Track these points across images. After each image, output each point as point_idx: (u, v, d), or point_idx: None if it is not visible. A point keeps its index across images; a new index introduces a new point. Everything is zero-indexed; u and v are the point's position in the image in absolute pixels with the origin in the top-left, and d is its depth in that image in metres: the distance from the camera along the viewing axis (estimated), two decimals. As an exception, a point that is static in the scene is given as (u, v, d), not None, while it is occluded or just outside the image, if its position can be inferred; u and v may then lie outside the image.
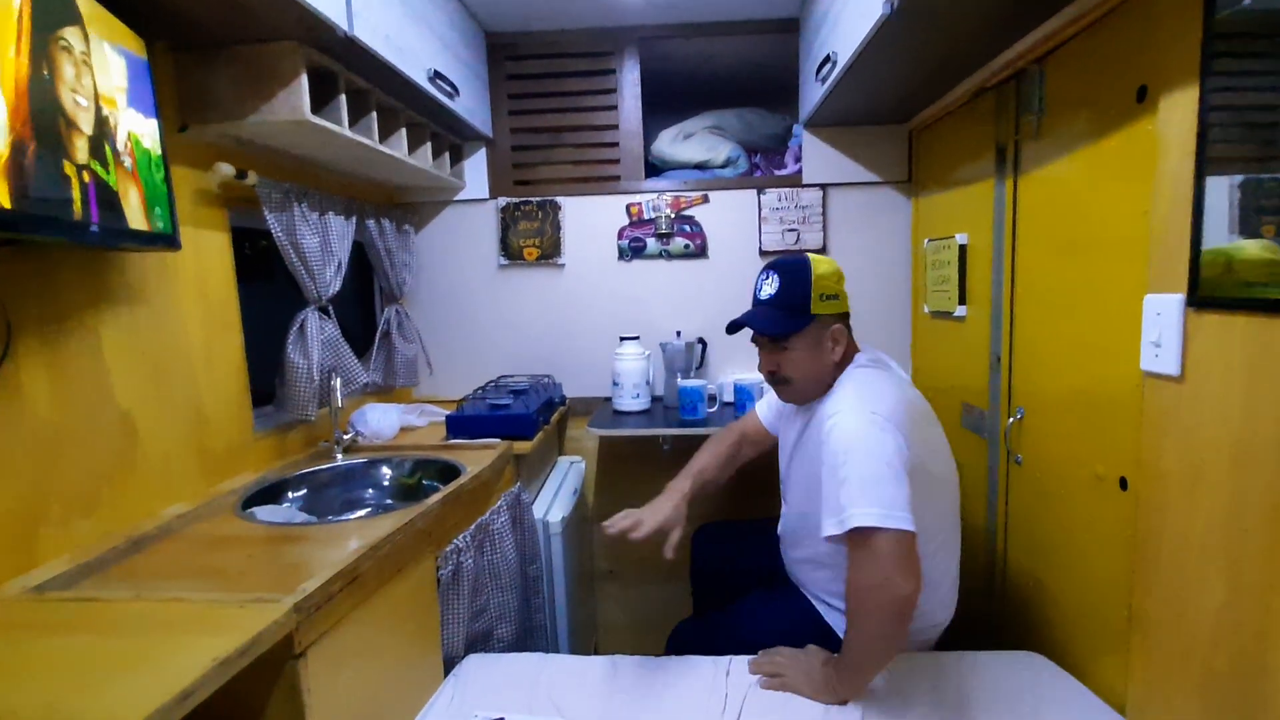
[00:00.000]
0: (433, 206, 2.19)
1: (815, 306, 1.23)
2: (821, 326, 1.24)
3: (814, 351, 1.25)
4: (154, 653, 0.73)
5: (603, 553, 2.29)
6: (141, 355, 1.17)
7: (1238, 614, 0.86)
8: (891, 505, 1.03)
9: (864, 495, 1.04)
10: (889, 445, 1.08)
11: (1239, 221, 0.87)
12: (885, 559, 1.03)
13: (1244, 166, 0.87)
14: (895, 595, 1.03)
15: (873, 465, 1.06)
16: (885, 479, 1.05)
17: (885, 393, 1.17)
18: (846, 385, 1.22)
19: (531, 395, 1.85)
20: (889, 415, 1.12)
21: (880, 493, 1.04)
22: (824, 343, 1.25)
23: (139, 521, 1.12)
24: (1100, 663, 1.17)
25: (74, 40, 0.89)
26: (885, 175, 2.09)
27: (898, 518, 1.03)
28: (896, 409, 1.14)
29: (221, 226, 1.38)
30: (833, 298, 1.25)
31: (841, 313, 1.27)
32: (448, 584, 1.29)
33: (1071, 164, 1.25)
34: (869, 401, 1.14)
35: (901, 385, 1.25)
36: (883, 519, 1.03)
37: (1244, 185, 0.87)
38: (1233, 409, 0.86)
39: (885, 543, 1.03)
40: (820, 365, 1.25)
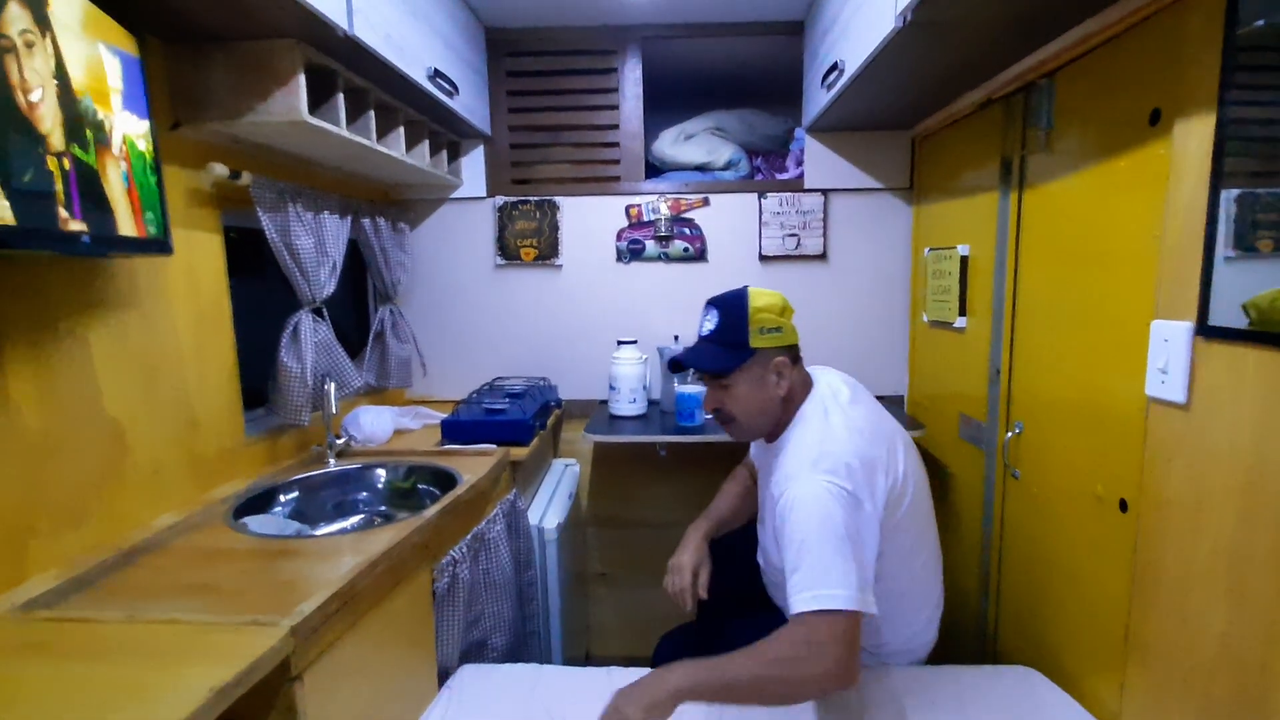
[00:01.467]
0: (428, 204, 2.16)
1: (754, 340, 1.18)
2: (762, 361, 1.19)
3: (757, 387, 1.19)
4: (148, 681, 0.71)
5: (596, 556, 2.28)
6: (131, 362, 1.14)
7: (1239, 644, 0.86)
8: (842, 587, 0.99)
9: (818, 578, 1.00)
10: (838, 516, 1.03)
11: (1235, 236, 0.87)
12: (828, 642, 0.97)
13: (1244, 181, 0.87)
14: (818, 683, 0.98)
15: (822, 545, 1.02)
16: (835, 562, 1.00)
17: (837, 440, 1.11)
18: (802, 433, 1.16)
19: (528, 399, 1.83)
20: (844, 472, 1.07)
21: (831, 575, 1.00)
22: (767, 377, 1.19)
23: (129, 532, 1.10)
24: (1095, 680, 1.18)
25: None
26: (887, 182, 2.08)
27: (847, 598, 0.98)
28: (852, 457, 1.09)
29: (214, 228, 1.35)
30: (774, 330, 1.19)
31: (785, 345, 1.20)
32: (443, 596, 1.27)
33: (1078, 181, 1.24)
34: (820, 459, 1.08)
35: (856, 420, 1.16)
36: (833, 601, 0.98)
37: (1241, 200, 0.86)
38: (1242, 441, 0.85)
39: (831, 624, 0.98)
40: (765, 400, 1.20)
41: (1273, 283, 0.82)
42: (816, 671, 0.97)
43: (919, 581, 1.24)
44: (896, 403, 2.16)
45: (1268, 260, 0.84)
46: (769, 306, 1.20)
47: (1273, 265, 0.83)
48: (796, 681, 0.98)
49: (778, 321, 1.20)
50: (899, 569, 1.18)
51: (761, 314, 1.19)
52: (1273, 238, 0.84)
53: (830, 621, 0.98)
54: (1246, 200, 0.86)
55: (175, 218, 1.21)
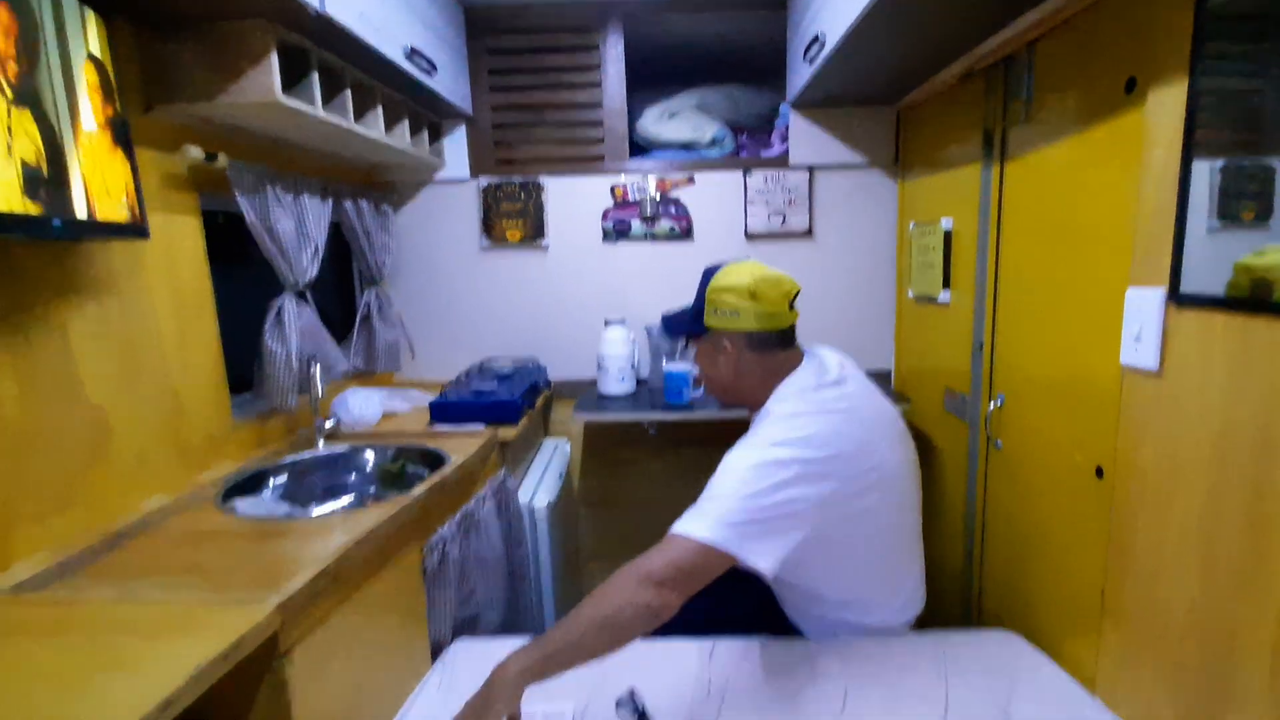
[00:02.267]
0: (412, 186, 2.14)
1: (708, 318, 1.20)
2: (714, 339, 1.20)
3: (710, 362, 1.23)
4: (135, 658, 0.72)
5: (588, 533, 2.31)
6: (112, 347, 1.13)
7: (1209, 608, 0.88)
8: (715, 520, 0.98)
9: (697, 506, 1.02)
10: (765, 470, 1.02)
11: (1219, 205, 0.87)
12: (658, 564, 0.97)
13: (1227, 151, 0.87)
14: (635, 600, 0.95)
15: (727, 482, 1.03)
16: (726, 494, 1.01)
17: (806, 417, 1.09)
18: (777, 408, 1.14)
19: (516, 380, 1.84)
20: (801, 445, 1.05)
21: (712, 507, 1.00)
22: (717, 356, 1.21)
23: (117, 516, 1.11)
24: (1072, 642, 1.21)
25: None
26: (872, 157, 2.07)
27: (712, 531, 0.97)
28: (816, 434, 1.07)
29: (192, 211, 1.34)
30: (730, 313, 1.17)
31: (742, 330, 1.17)
32: (434, 573, 1.29)
33: (1058, 151, 1.25)
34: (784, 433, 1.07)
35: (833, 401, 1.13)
36: (694, 529, 0.99)
37: (1225, 170, 0.87)
38: (1212, 407, 0.87)
39: (674, 551, 0.98)
40: (716, 375, 1.23)
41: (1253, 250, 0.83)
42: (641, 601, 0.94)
43: (897, 564, 1.24)
44: (883, 378, 2.18)
45: (1250, 230, 0.84)
46: (732, 288, 1.17)
47: (1256, 234, 0.83)
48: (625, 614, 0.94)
49: (737, 305, 1.17)
50: (874, 552, 1.18)
51: (721, 294, 1.18)
52: (1254, 207, 0.85)
53: (687, 551, 0.96)
54: (1231, 170, 0.87)
55: (152, 202, 1.21)
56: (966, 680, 1.14)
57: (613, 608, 0.95)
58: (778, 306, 1.18)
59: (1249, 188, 0.85)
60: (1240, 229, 0.86)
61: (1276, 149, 0.81)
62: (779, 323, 1.19)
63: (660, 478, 2.26)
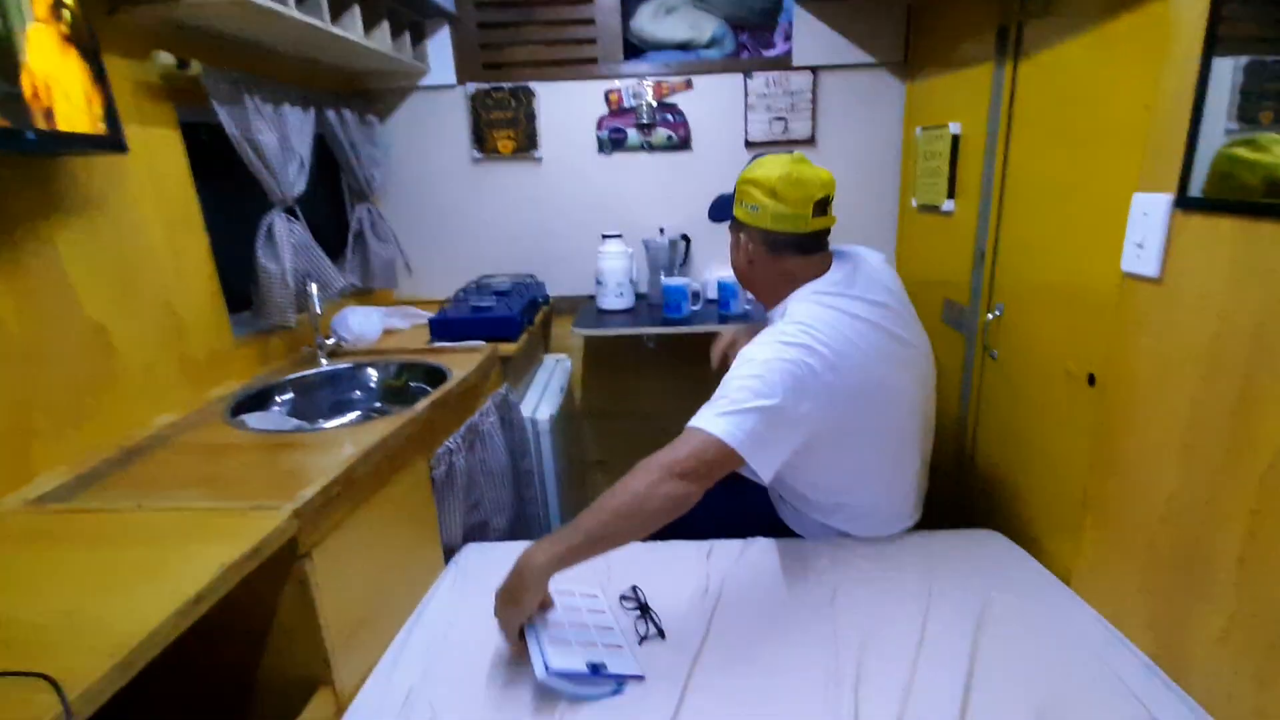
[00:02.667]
0: (396, 94, 2.04)
1: (736, 210, 1.19)
2: (735, 229, 1.21)
3: (734, 253, 1.24)
4: (163, 560, 0.77)
5: (592, 444, 2.37)
6: (104, 263, 1.12)
7: (1187, 499, 0.92)
8: (731, 422, 1.00)
9: (713, 404, 1.04)
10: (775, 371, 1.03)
11: (1239, 107, 0.84)
12: (683, 456, 1.00)
13: (1252, 47, 0.83)
14: (661, 491, 0.98)
15: (741, 383, 1.03)
16: (742, 397, 1.02)
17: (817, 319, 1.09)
18: (792, 309, 1.14)
19: (514, 296, 1.83)
20: (809, 347, 1.05)
21: (728, 407, 1.02)
22: (739, 249, 1.21)
23: (130, 432, 1.14)
24: (1053, 540, 1.27)
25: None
26: (880, 55, 1.97)
27: (728, 433, 1.00)
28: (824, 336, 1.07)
29: (170, 123, 1.29)
30: (752, 209, 1.14)
31: (759, 226, 1.15)
32: (442, 483, 1.34)
33: (1076, 48, 1.18)
34: (791, 330, 1.08)
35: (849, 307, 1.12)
36: (713, 426, 1.01)
37: (1249, 68, 0.83)
38: (1209, 312, 0.87)
39: (697, 445, 1.00)
40: (739, 269, 1.24)
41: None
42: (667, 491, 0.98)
43: (890, 481, 1.27)
44: (883, 290, 2.17)
45: (1267, 133, 0.81)
46: (757, 182, 1.14)
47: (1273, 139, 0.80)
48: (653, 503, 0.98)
49: (759, 201, 1.14)
50: (865, 464, 1.21)
51: (747, 187, 1.15)
52: (1274, 109, 0.81)
53: (708, 446, 0.99)
54: (1254, 68, 0.82)
55: (126, 114, 1.15)
56: (950, 577, 1.20)
57: (638, 498, 0.99)
58: (798, 210, 1.12)
59: (1271, 87, 0.82)
60: (1258, 132, 0.83)
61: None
62: (797, 226, 1.14)
63: (660, 390, 2.29)
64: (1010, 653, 1.03)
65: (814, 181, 1.13)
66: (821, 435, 1.10)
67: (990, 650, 1.03)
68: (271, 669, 0.95)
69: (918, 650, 1.04)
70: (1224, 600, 0.86)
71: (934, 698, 0.94)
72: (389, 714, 0.96)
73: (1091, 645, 1.03)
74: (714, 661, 1.04)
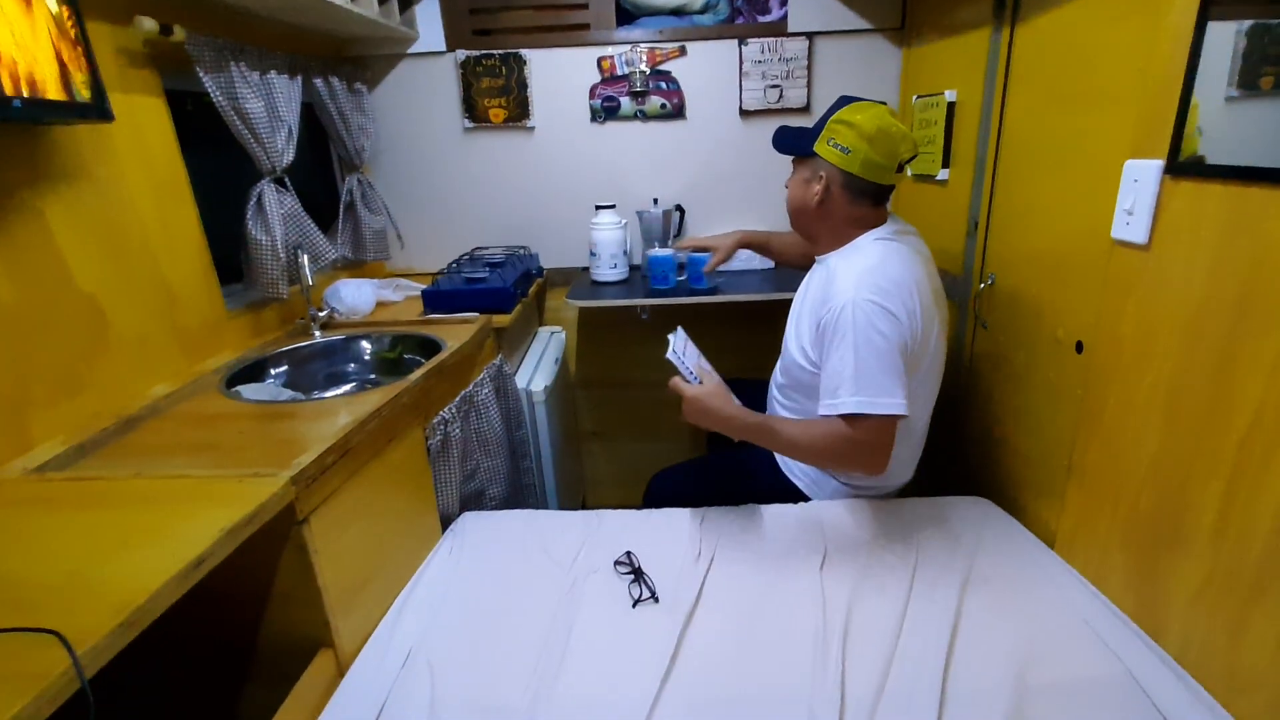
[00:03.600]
0: (385, 61, 2.01)
1: (819, 145, 1.22)
2: (815, 165, 1.24)
3: (801, 187, 1.27)
4: (164, 525, 0.78)
5: (587, 415, 2.39)
6: (93, 233, 1.12)
7: (1167, 463, 0.94)
8: (878, 393, 1.11)
9: (861, 384, 1.12)
10: (887, 332, 1.12)
11: (1239, 72, 0.83)
12: (866, 441, 1.13)
13: (1253, 11, 0.82)
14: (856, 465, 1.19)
15: (868, 354, 1.12)
16: (876, 368, 1.12)
17: (893, 272, 1.17)
18: (857, 258, 1.21)
19: (508, 268, 1.83)
20: (891, 295, 1.14)
21: (870, 381, 1.11)
22: (810, 185, 1.24)
23: (127, 401, 1.14)
24: (1039, 505, 1.30)
25: None
26: (877, 21, 1.94)
27: (884, 404, 1.11)
28: (902, 288, 1.15)
29: (154, 91, 1.27)
30: (843, 150, 1.19)
31: (846, 168, 1.20)
32: (437, 452, 1.35)
33: (1072, 12, 1.17)
34: (874, 282, 1.15)
35: (915, 264, 1.22)
36: (869, 406, 1.11)
37: (1251, 32, 0.82)
38: (1196, 278, 0.88)
39: (869, 426, 1.12)
40: (801, 200, 1.27)
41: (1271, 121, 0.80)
42: (857, 466, 1.19)
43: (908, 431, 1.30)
44: (877, 261, 2.17)
45: (1269, 98, 0.81)
46: (855, 125, 1.18)
47: (1275, 103, 0.80)
48: (841, 465, 1.22)
49: (853, 144, 1.18)
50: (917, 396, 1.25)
51: (843, 127, 1.19)
52: (1276, 74, 0.81)
53: (879, 425, 1.12)
54: (1256, 32, 0.82)
55: (110, 81, 1.13)
56: (938, 541, 1.24)
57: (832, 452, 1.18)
58: (888, 161, 1.19)
59: (1272, 51, 0.81)
60: (1259, 98, 0.83)
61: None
62: (881, 177, 1.21)
63: (655, 361, 2.29)
64: (994, 613, 1.06)
65: (906, 140, 1.20)
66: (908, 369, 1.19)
67: (974, 611, 1.06)
68: (273, 631, 0.97)
69: (904, 611, 1.07)
70: (1200, 559, 0.88)
71: (919, 656, 0.97)
72: (389, 674, 0.99)
73: (1072, 604, 1.07)
74: (706, 623, 1.07)
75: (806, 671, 0.96)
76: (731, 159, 2.08)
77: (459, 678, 0.98)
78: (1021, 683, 0.92)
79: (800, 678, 0.95)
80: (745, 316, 2.19)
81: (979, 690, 0.92)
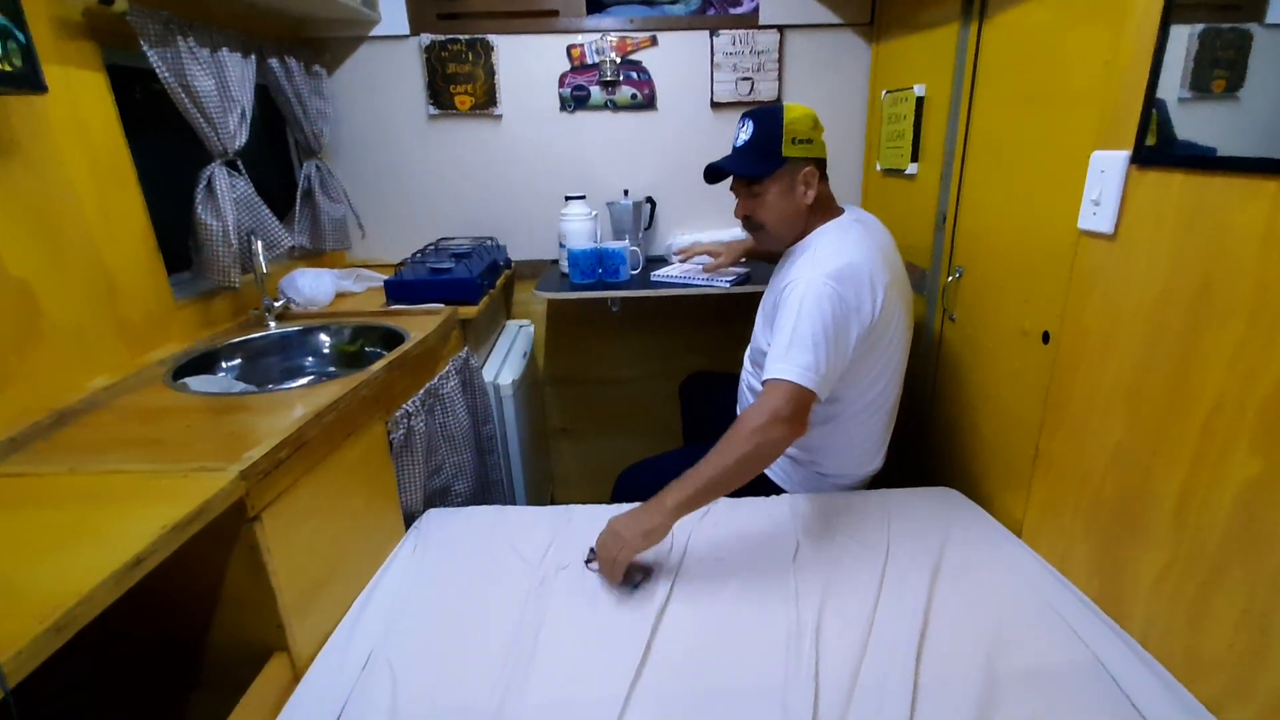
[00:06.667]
0: (345, 43, 1.94)
1: (786, 150, 1.24)
2: (792, 170, 1.26)
3: (786, 196, 1.28)
4: (98, 524, 0.72)
5: (555, 411, 2.35)
6: (23, 214, 1.04)
7: (1130, 451, 0.96)
8: (805, 367, 1.12)
9: (788, 354, 1.14)
10: (827, 312, 1.14)
11: (1192, 74, 0.85)
12: (780, 404, 1.12)
13: (1207, 15, 0.83)
14: (771, 436, 1.11)
15: (804, 329, 1.14)
16: (808, 344, 1.13)
17: (850, 252, 1.20)
18: (817, 244, 1.26)
19: (474, 258, 1.78)
20: (845, 278, 1.17)
21: (801, 355, 1.13)
22: (796, 186, 1.27)
23: (61, 395, 1.07)
24: (1006, 494, 1.31)
25: None
26: (847, 16, 1.95)
27: (806, 378, 1.12)
28: (858, 271, 1.18)
29: (94, 65, 1.19)
30: (805, 142, 1.25)
31: (815, 158, 1.27)
32: (400, 447, 1.30)
33: (1039, 8, 1.18)
34: (829, 263, 1.18)
35: (873, 245, 1.25)
36: (792, 374, 1.12)
37: (1203, 35, 0.84)
38: (1159, 267, 0.89)
39: (786, 392, 1.12)
40: (793, 209, 1.29)
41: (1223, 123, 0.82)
42: (776, 435, 1.12)
43: (872, 414, 1.34)
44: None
45: (1218, 101, 0.83)
46: (802, 118, 1.26)
47: (1224, 106, 0.82)
48: (765, 448, 1.12)
49: (809, 134, 1.26)
50: (858, 394, 1.28)
51: (795, 125, 1.24)
52: (1226, 77, 0.82)
53: (795, 392, 1.12)
54: (1209, 35, 0.83)
55: (45, 53, 1.06)
56: (907, 532, 1.24)
57: (752, 445, 1.10)
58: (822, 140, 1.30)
59: (1224, 55, 0.83)
60: (1210, 100, 0.85)
61: (1256, 13, 0.78)
62: (826, 154, 1.31)
63: (626, 355, 2.28)
64: (962, 601, 1.06)
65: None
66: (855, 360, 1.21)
67: (944, 599, 1.07)
68: (224, 635, 0.92)
69: (876, 602, 1.07)
70: (1162, 545, 0.90)
71: (891, 646, 0.97)
72: (348, 676, 0.94)
73: (1039, 590, 1.08)
74: (679, 618, 1.05)
75: (780, 665, 0.95)
76: (703, 151, 2.05)
77: (422, 679, 0.94)
78: (992, 670, 0.92)
79: (774, 671, 0.94)
80: (714, 311, 2.18)
81: (950, 679, 0.92)
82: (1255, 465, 0.76)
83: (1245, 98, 0.80)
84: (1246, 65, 0.80)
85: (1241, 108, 0.81)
